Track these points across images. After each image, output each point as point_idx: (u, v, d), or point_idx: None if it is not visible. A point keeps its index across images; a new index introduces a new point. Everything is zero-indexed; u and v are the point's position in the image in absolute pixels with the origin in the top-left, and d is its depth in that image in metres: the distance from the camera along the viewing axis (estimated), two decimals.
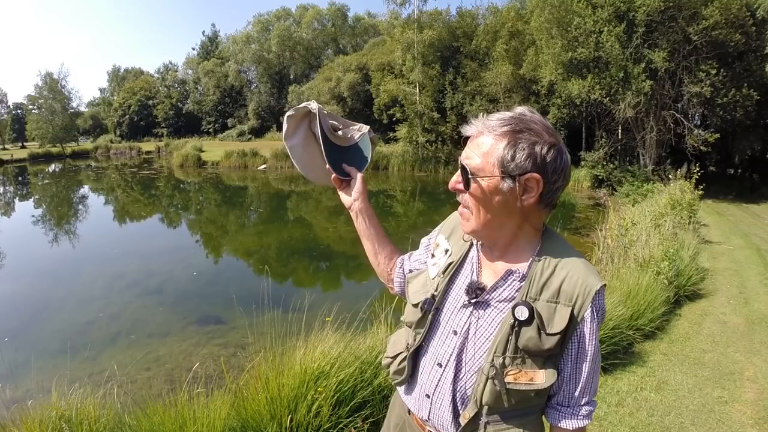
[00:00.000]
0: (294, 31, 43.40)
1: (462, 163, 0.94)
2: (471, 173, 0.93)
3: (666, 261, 4.90)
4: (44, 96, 40.49)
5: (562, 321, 0.89)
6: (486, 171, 0.91)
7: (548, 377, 0.91)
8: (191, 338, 5.11)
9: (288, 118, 1.20)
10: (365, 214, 1.24)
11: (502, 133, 0.90)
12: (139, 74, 56.94)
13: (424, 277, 1.12)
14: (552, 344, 0.89)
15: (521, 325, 0.90)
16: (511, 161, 0.89)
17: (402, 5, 23.04)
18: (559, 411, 0.97)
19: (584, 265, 0.94)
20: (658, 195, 10.50)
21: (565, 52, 15.08)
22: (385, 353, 1.20)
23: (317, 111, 1.18)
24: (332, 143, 1.22)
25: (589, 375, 0.94)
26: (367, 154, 1.27)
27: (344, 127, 1.27)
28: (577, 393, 0.95)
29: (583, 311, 0.90)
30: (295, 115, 1.20)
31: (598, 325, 0.93)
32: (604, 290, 0.93)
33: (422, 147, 23.28)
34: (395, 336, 1.22)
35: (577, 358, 0.93)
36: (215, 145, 34.38)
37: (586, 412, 0.96)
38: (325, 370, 2.49)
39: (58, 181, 24.21)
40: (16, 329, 5.47)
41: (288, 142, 1.22)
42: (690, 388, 3.28)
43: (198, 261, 8.92)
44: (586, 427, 0.97)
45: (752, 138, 16.54)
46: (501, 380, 0.91)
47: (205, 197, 18.48)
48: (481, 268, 1.03)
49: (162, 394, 2.59)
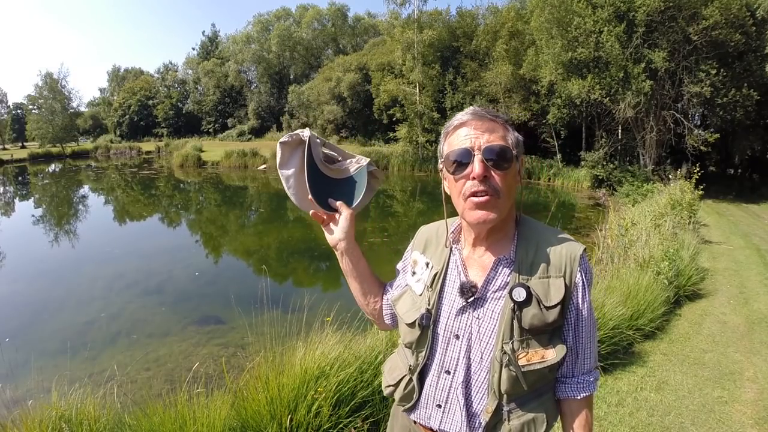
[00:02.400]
0: (294, 31, 43.40)
1: (499, 145, 0.93)
2: (514, 151, 0.96)
3: (666, 261, 4.90)
4: (44, 96, 40.48)
5: (558, 292, 0.94)
6: (515, 155, 0.96)
7: (558, 351, 0.95)
8: (191, 338, 5.11)
9: (281, 145, 1.12)
10: (351, 255, 1.14)
11: (501, 121, 0.98)
12: (139, 74, 56.93)
13: (410, 295, 1.10)
14: (555, 316, 0.93)
15: (521, 306, 0.93)
16: (517, 143, 0.98)
17: (402, 5, 23.08)
18: (565, 383, 1.01)
19: (563, 237, 1.01)
20: (658, 195, 10.50)
21: (565, 52, 15.08)
22: (384, 382, 1.16)
23: (308, 138, 1.10)
24: (321, 173, 1.13)
25: (587, 341, 0.99)
26: (362, 188, 1.15)
27: (342, 159, 1.19)
28: (579, 361, 1.00)
29: (574, 277, 0.96)
30: (290, 142, 1.12)
31: (589, 288, 0.99)
32: (586, 252, 1.00)
33: (422, 147, 23.29)
34: (390, 362, 1.19)
35: (576, 325, 0.98)
36: (215, 145, 34.37)
37: (592, 379, 1.01)
38: (325, 371, 2.49)
39: (58, 181, 24.20)
40: (16, 329, 5.47)
41: (282, 170, 1.13)
42: (690, 388, 3.28)
43: (198, 261, 8.92)
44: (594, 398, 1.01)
45: (752, 138, 16.55)
46: (516, 364, 0.92)
47: (205, 197, 18.48)
48: (466, 268, 1.03)
49: (162, 394, 2.60)
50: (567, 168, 19.02)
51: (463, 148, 0.93)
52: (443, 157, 1.01)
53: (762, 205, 14.21)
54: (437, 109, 22.70)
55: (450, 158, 0.96)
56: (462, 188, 0.95)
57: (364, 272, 1.18)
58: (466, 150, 0.93)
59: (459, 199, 0.97)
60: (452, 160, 0.95)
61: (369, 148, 27.25)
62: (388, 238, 10.14)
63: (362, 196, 1.15)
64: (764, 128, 17.10)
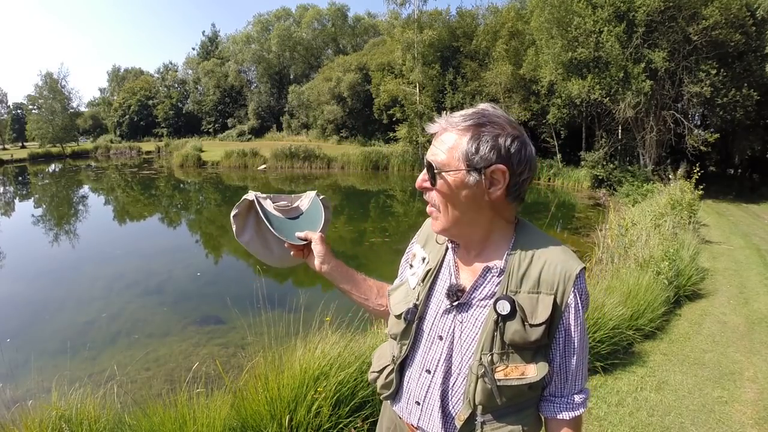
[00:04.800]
0: (294, 31, 43.40)
1: (427, 160, 0.93)
2: (436, 169, 0.92)
3: (666, 261, 4.89)
4: (44, 96, 40.43)
5: (545, 310, 0.89)
6: (451, 166, 0.90)
7: (539, 370, 0.91)
8: (191, 338, 5.11)
9: (234, 218, 1.21)
10: (337, 272, 1.17)
11: (464, 127, 0.90)
12: (139, 74, 56.91)
13: (404, 288, 1.11)
14: (538, 335, 0.89)
15: (505, 319, 0.89)
16: (475, 153, 0.88)
17: (402, 5, 23.08)
18: (553, 403, 0.97)
19: (561, 251, 0.94)
20: (658, 195, 10.50)
21: (565, 52, 15.09)
22: (371, 368, 1.18)
23: (254, 198, 1.20)
24: (280, 219, 1.22)
25: (578, 363, 0.94)
26: (320, 216, 1.25)
27: (291, 203, 1.28)
28: (568, 383, 0.96)
29: (566, 297, 0.90)
30: (240, 212, 1.21)
31: (583, 310, 0.93)
32: (584, 273, 0.93)
33: (422, 147, 23.28)
34: (380, 350, 1.21)
35: (565, 347, 0.93)
36: (215, 145, 34.36)
37: (580, 401, 0.97)
38: (325, 371, 2.49)
39: (58, 181, 24.20)
40: (16, 329, 5.46)
41: (241, 239, 1.22)
42: (690, 388, 3.28)
43: (198, 261, 8.92)
44: (583, 417, 0.98)
45: (752, 138, 16.55)
46: (491, 377, 0.90)
47: (205, 197, 18.48)
48: (458, 270, 1.02)
49: (162, 394, 2.59)
50: (567, 168, 19.02)
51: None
52: None
53: (762, 205, 14.22)
54: (437, 109, 22.67)
55: None
56: None
57: (356, 280, 1.20)
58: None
59: None
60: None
61: (369, 148, 27.21)
62: (389, 238, 10.14)
63: (323, 222, 1.24)
64: (764, 128, 17.10)
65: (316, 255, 1.17)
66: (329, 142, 33.01)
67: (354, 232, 11.33)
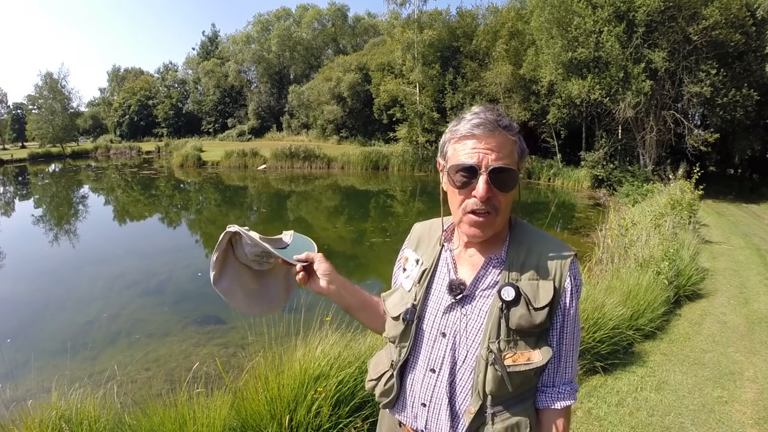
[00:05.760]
0: (294, 31, 43.42)
1: (502, 165, 0.91)
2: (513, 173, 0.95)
3: (666, 261, 4.90)
4: (44, 96, 40.43)
5: (547, 294, 0.94)
6: (518, 169, 0.96)
7: (544, 354, 0.94)
8: (191, 338, 5.11)
9: (213, 264, 1.08)
10: (343, 290, 1.11)
11: (511, 131, 0.95)
12: (139, 74, 56.91)
13: (399, 292, 1.12)
14: (543, 318, 0.93)
15: (509, 306, 0.93)
16: (522, 155, 0.97)
17: (402, 5, 23.08)
18: (545, 392, 1.00)
19: (555, 242, 1.01)
20: (658, 195, 10.51)
21: (565, 52, 15.09)
22: (368, 376, 1.17)
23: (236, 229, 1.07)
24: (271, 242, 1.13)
25: (569, 347, 0.99)
26: (309, 243, 1.19)
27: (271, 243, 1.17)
28: (560, 369, 0.99)
29: (563, 281, 0.96)
30: (219, 256, 1.09)
31: (578, 293, 0.98)
32: (576, 258, 1.00)
33: (422, 147, 23.29)
34: (376, 358, 1.21)
35: (561, 330, 0.98)
36: (215, 145, 34.36)
37: (571, 390, 1.00)
38: (325, 371, 2.49)
39: (58, 181, 24.19)
40: (16, 329, 5.46)
41: (218, 287, 1.10)
42: (690, 388, 3.28)
43: (198, 261, 8.91)
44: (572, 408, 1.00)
45: (752, 138, 16.53)
46: (501, 364, 0.92)
47: (205, 197, 18.47)
48: (456, 266, 1.04)
49: (162, 394, 2.60)
50: (567, 168, 19.03)
51: (468, 164, 0.91)
52: (446, 159, 0.99)
53: (762, 205, 14.22)
54: (437, 109, 22.70)
55: (454, 169, 0.94)
56: (463, 202, 0.95)
57: (364, 297, 1.17)
58: (472, 166, 0.91)
59: (458, 209, 0.96)
60: (456, 172, 0.93)
61: (369, 148, 27.21)
62: (389, 238, 10.14)
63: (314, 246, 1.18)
64: (764, 128, 17.09)
65: (321, 274, 1.09)
66: (329, 142, 33.02)
67: (354, 232, 11.33)
